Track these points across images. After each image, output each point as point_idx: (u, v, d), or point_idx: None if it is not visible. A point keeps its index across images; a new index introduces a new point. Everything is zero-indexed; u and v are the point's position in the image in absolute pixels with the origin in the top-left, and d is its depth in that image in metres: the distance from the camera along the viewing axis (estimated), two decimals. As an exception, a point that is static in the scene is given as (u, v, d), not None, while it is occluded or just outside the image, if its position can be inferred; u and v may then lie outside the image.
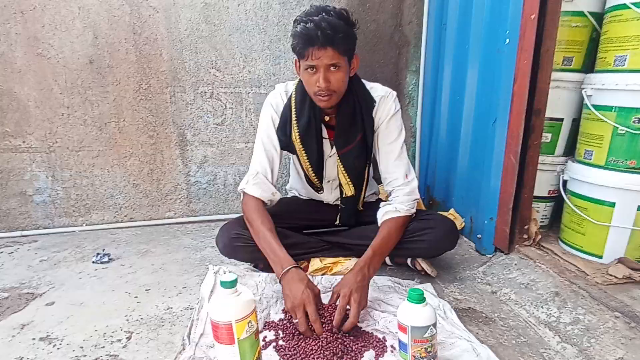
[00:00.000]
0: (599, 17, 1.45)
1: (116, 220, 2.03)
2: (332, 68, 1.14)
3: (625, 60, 1.28)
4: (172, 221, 2.07)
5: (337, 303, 1.07)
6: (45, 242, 1.84)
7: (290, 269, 1.11)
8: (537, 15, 1.29)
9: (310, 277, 1.23)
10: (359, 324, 1.10)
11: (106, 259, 1.60)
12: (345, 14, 1.14)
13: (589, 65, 1.53)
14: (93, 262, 1.59)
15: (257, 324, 0.91)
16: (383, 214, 1.30)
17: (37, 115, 1.85)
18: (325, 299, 1.23)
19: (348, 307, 1.06)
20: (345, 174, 1.36)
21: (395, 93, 1.36)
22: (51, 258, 1.65)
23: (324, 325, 1.03)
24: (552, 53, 1.34)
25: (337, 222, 1.49)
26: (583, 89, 1.42)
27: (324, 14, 1.10)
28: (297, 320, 1.04)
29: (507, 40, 1.41)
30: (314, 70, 1.15)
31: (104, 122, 1.91)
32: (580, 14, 1.48)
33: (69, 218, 1.98)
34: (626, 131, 1.28)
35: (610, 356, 0.98)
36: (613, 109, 1.31)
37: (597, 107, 1.35)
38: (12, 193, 1.91)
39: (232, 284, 0.87)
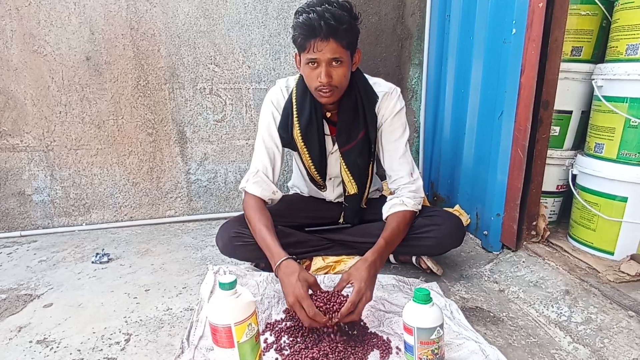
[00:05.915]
0: (610, 4, 1.40)
1: (116, 219, 2.00)
2: (334, 63, 1.11)
3: (637, 49, 1.24)
4: (172, 220, 2.04)
5: (342, 292, 1.04)
6: (45, 242, 1.82)
7: (282, 262, 1.07)
8: (544, 3, 1.24)
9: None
10: (363, 323, 1.07)
11: (105, 259, 1.58)
12: (349, 6, 1.11)
13: (599, 55, 1.48)
14: (92, 262, 1.57)
15: (258, 326, 0.88)
16: (390, 207, 1.27)
17: (34, 114, 1.83)
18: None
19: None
20: (348, 172, 1.34)
21: (399, 90, 1.33)
22: (50, 258, 1.63)
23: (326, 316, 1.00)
24: (560, 42, 1.29)
25: (340, 221, 1.47)
26: (593, 79, 1.37)
27: (326, 4, 1.07)
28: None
29: (514, 31, 1.36)
30: (315, 64, 1.12)
31: (102, 119, 1.89)
32: (590, 1, 1.43)
33: (68, 217, 1.96)
34: (639, 123, 1.24)
35: (625, 357, 0.95)
36: (625, 100, 1.26)
37: (608, 99, 1.31)
38: (11, 193, 1.89)
39: (230, 285, 0.83)
